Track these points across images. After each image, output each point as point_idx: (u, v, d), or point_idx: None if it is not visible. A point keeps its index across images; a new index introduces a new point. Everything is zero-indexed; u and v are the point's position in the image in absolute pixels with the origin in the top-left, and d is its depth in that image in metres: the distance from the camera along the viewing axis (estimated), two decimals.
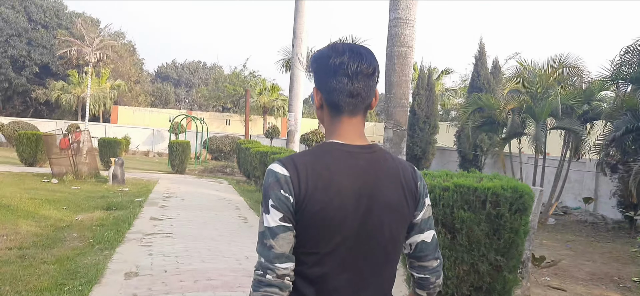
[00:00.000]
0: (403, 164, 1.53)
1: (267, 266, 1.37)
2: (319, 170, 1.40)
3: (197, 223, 9.03)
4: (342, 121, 1.46)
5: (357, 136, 1.47)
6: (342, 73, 1.42)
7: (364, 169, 1.43)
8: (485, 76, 18.50)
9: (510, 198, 3.76)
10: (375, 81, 1.49)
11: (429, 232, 1.55)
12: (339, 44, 1.48)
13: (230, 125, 41.07)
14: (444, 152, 22.18)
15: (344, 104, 1.45)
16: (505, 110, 12.47)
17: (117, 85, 38.38)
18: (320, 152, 1.45)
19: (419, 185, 1.53)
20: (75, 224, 8.69)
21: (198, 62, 66.63)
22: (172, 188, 14.50)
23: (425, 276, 1.57)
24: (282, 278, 1.37)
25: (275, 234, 1.37)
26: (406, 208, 1.48)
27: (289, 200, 1.38)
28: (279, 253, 1.37)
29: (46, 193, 12.53)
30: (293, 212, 1.38)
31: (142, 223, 8.67)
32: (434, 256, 1.57)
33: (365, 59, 1.44)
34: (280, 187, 1.38)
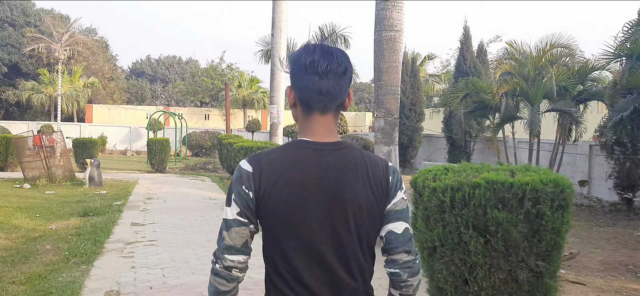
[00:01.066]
0: (373, 159, 1.53)
1: (218, 255, 1.47)
2: (282, 166, 1.44)
3: (182, 228, 8.39)
4: (314, 118, 1.49)
5: (327, 133, 1.50)
6: (312, 71, 1.45)
7: (329, 165, 1.45)
8: (472, 60, 18.13)
9: (552, 193, 3.27)
10: (348, 81, 1.51)
11: (399, 223, 1.54)
12: (311, 44, 1.51)
13: (210, 120, 40.21)
14: (431, 139, 21.82)
15: (314, 102, 1.48)
16: (498, 94, 12.06)
17: (91, 82, 37.13)
18: (287, 149, 1.49)
19: (390, 179, 1.53)
20: (49, 234, 7.99)
21: (173, 56, 65.48)
22: (153, 189, 13.79)
23: (396, 272, 1.53)
24: (229, 270, 1.46)
25: (230, 227, 1.46)
26: (374, 203, 1.49)
27: (249, 196, 1.44)
28: (228, 245, 1.46)
29: (18, 199, 11.74)
30: (253, 208, 1.45)
31: (122, 231, 8.01)
32: (404, 249, 1.53)
33: (336, 58, 1.47)
34: (242, 182, 1.45)
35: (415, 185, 3.85)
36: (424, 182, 3.73)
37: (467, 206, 3.35)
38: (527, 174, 3.41)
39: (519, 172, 3.53)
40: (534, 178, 3.29)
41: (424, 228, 3.65)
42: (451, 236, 3.42)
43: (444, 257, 3.47)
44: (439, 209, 3.49)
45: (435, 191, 3.53)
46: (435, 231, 3.52)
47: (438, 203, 3.49)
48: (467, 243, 3.35)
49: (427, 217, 3.61)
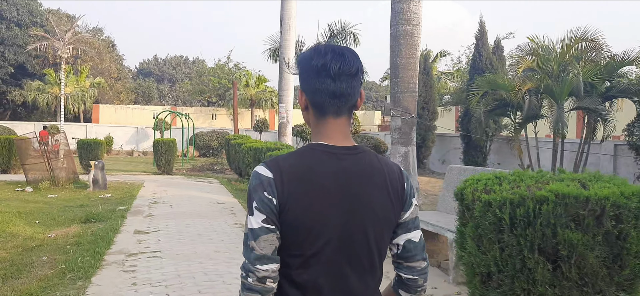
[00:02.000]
0: (389, 165, 1.52)
1: (249, 268, 1.40)
2: (301, 172, 1.41)
3: (189, 236, 7.84)
4: (327, 122, 1.47)
5: (342, 137, 1.47)
6: (324, 74, 1.43)
7: (347, 171, 1.43)
8: (488, 56, 17.46)
9: (636, 210, 2.67)
10: (359, 81, 1.49)
11: (416, 232, 1.55)
12: (321, 45, 1.49)
13: (217, 120, 39.72)
14: (444, 138, 21.17)
15: (327, 105, 1.45)
16: (521, 92, 11.42)
17: (97, 82, 36.74)
18: (304, 154, 1.45)
19: (405, 186, 1.52)
20: (47, 243, 7.47)
21: (180, 56, 65.25)
22: (158, 192, 13.26)
23: (414, 278, 1.54)
24: (263, 281, 1.39)
25: (257, 236, 1.39)
26: (391, 210, 1.48)
27: (273, 202, 1.39)
28: (260, 255, 1.39)
29: (18, 204, 11.27)
30: (276, 214, 1.39)
31: (124, 240, 7.46)
32: (422, 256, 1.55)
33: (348, 59, 1.44)
34: (264, 189, 1.39)
35: (462, 198, 3.27)
36: (473, 194, 3.14)
37: (531, 225, 2.76)
38: (603, 185, 2.82)
39: (589, 182, 2.94)
40: (614, 191, 2.70)
41: (475, 250, 3.07)
42: (511, 261, 2.84)
43: (503, 286, 2.89)
44: (496, 228, 2.91)
45: (489, 206, 2.95)
46: (491, 255, 2.94)
47: (494, 220, 2.91)
48: (532, 270, 2.76)
49: (479, 236, 3.03)
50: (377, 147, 22.31)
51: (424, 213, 6.49)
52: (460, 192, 3.30)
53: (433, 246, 6.50)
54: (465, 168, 6.36)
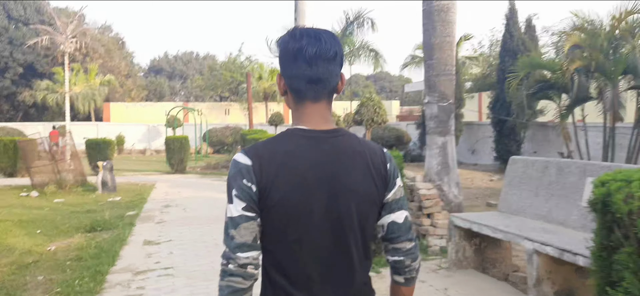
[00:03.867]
0: (371, 147, 1.50)
1: (229, 255, 1.38)
2: (281, 157, 1.39)
3: (205, 247, 6.84)
4: (306, 106, 1.45)
5: (322, 121, 1.45)
6: (301, 59, 1.41)
7: (328, 154, 1.42)
8: (519, 37, 16.22)
9: None
10: (338, 65, 1.45)
11: (400, 212, 1.53)
12: (297, 29, 1.45)
13: (230, 115, 38.86)
14: (472, 127, 19.99)
15: (305, 90, 1.43)
16: (568, 71, 10.25)
17: (107, 80, 35.98)
18: (283, 139, 1.44)
19: (388, 167, 1.50)
20: (45, 258, 6.56)
21: (191, 52, 64.62)
22: (171, 194, 12.33)
23: (400, 259, 1.54)
24: (244, 267, 1.37)
25: (237, 224, 1.38)
26: (375, 191, 1.46)
27: (252, 189, 1.38)
28: (240, 243, 1.37)
29: (22, 210, 10.43)
30: (256, 201, 1.38)
31: (132, 253, 6.50)
32: (406, 237, 1.54)
33: (325, 42, 1.41)
34: (243, 176, 1.38)
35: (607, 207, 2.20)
36: (628, 200, 2.08)
37: None
38: None
39: None
40: None
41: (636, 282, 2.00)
42: None
43: None
44: None
45: None
46: None
47: None
48: None
49: None
50: (399, 137, 21.20)
51: (483, 215, 5.43)
52: (602, 198, 2.25)
53: (495, 254, 5.44)
54: (533, 160, 5.29)
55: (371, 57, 26.82)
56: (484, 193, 12.91)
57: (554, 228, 4.54)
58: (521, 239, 4.33)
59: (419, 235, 6.91)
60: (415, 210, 6.98)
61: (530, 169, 5.23)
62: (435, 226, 6.77)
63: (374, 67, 27.29)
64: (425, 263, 5.79)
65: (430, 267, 5.60)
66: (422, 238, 6.83)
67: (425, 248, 6.39)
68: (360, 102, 14.26)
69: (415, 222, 6.98)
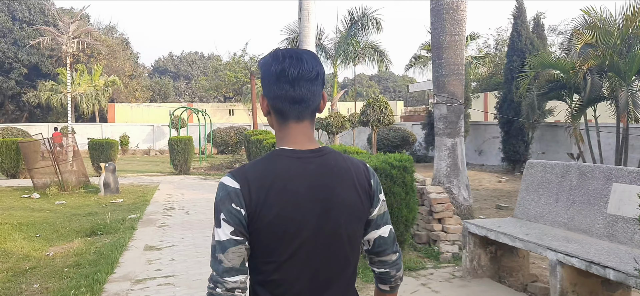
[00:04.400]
0: (355, 163, 1.52)
1: (217, 279, 1.37)
2: (270, 179, 1.39)
3: (207, 254, 6.57)
4: (290, 127, 1.46)
5: (306, 140, 1.46)
6: (283, 80, 1.41)
7: (315, 173, 1.42)
8: (527, 36, 15.92)
9: None
10: (320, 85, 1.47)
11: (386, 227, 1.56)
12: (279, 50, 1.46)
13: (234, 115, 38.67)
14: (479, 127, 19.70)
15: (288, 110, 1.44)
16: (581, 71, 9.95)
17: (111, 81, 35.87)
18: (270, 160, 1.43)
19: (372, 183, 1.53)
20: (43, 264, 6.34)
21: (195, 53, 64.54)
22: (174, 196, 12.11)
23: (386, 271, 1.58)
24: (232, 291, 1.37)
25: (225, 248, 1.37)
26: (361, 207, 1.48)
27: (241, 213, 1.37)
28: (228, 267, 1.37)
29: (22, 213, 10.24)
30: (245, 225, 1.38)
31: (132, 260, 6.27)
32: (392, 250, 1.58)
33: (307, 64, 1.42)
34: (232, 200, 1.37)
35: None
36: None
37: None
38: None
39: None
40: None
41: None
42: None
43: None
44: None
45: None
46: None
47: None
48: None
49: None
50: (405, 138, 20.94)
51: (500, 221, 5.16)
52: None
53: (511, 262, 5.18)
54: (552, 164, 5.02)
55: (376, 57, 26.57)
56: (492, 195, 12.63)
57: (577, 237, 4.28)
58: (543, 249, 4.06)
59: (430, 241, 6.65)
60: (425, 214, 6.72)
61: (549, 173, 4.97)
62: (446, 232, 6.51)
63: (379, 67, 27.05)
64: (437, 271, 5.54)
65: (444, 276, 5.34)
66: (433, 243, 6.58)
67: (437, 254, 6.13)
68: (366, 102, 13.99)
69: (425, 227, 6.73)
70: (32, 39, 35.80)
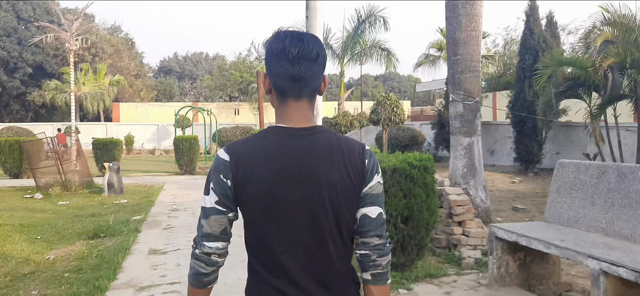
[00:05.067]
0: (350, 143, 1.54)
1: (198, 242, 1.49)
2: (258, 153, 1.45)
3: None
4: (288, 104, 1.50)
5: (302, 118, 1.50)
6: (283, 58, 1.46)
7: (305, 150, 1.46)
8: (540, 34, 15.52)
9: None
10: (320, 66, 1.51)
11: (374, 207, 1.55)
12: (281, 31, 1.51)
13: (240, 115, 38.40)
14: (490, 127, 19.30)
15: (287, 88, 1.48)
16: (601, 68, 9.57)
17: (116, 80, 35.64)
18: (262, 136, 1.49)
19: (366, 163, 1.54)
20: (43, 268, 6.05)
21: (200, 53, 64.38)
22: (179, 197, 11.81)
23: (366, 253, 1.55)
24: (208, 255, 1.48)
25: (208, 215, 1.47)
26: (350, 185, 1.49)
27: (227, 184, 1.45)
28: (207, 233, 1.47)
29: (24, 213, 9.97)
30: (232, 196, 1.46)
31: (136, 264, 5.95)
32: (376, 233, 1.55)
33: (307, 44, 1.47)
34: (220, 172, 1.46)
35: None
36: None
37: None
38: None
39: None
40: None
41: None
42: None
43: None
44: None
45: None
46: None
47: None
48: None
49: None
50: (414, 137, 20.56)
51: (530, 226, 4.81)
52: None
53: (542, 270, 4.83)
54: (587, 164, 4.66)
55: (383, 57, 26.20)
56: (506, 196, 12.27)
57: (619, 244, 3.93)
58: (583, 257, 3.71)
59: (450, 245, 6.31)
60: (444, 217, 6.37)
61: (583, 174, 4.61)
62: (467, 236, 6.16)
63: (386, 66, 26.68)
64: (461, 278, 5.19)
65: (468, 284, 4.99)
66: (453, 248, 6.23)
67: (458, 260, 5.78)
68: (376, 100, 13.64)
69: (444, 230, 6.38)
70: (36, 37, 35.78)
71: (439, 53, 25.47)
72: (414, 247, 5.21)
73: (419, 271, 5.27)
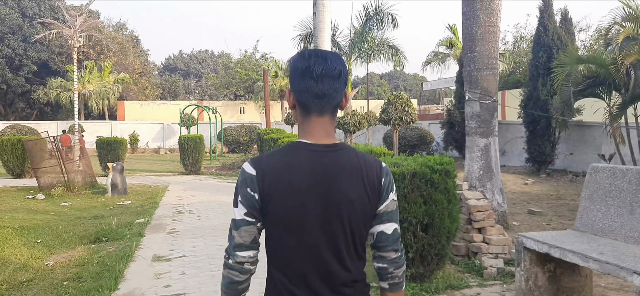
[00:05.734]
0: (368, 161, 1.60)
1: (230, 252, 1.58)
2: (282, 169, 1.53)
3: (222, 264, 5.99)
4: (312, 120, 1.58)
5: (324, 135, 1.58)
6: (308, 76, 1.54)
7: (326, 167, 1.53)
8: (555, 30, 15.11)
9: None
10: (342, 83, 1.58)
11: (390, 224, 1.63)
12: (306, 50, 1.59)
13: (245, 113, 38.12)
14: (500, 126, 18.85)
15: (311, 105, 1.56)
16: (623, 66, 9.18)
17: (121, 78, 35.40)
18: (287, 152, 1.57)
19: (383, 181, 1.61)
20: (40, 276, 5.76)
21: (206, 51, 64.08)
22: (185, 198, 11.50)
23: (384, 266, 1.64)
24: (241, 264, 1.56)
25: (239, 226, 1.55)
26: (367, 202, 1.57)
27: (255, 197, 1.53)
28: (238, 243, 1.56)
29: (25, 215, 9.71)
30: (259, 208, 1.54)
31: (138, 273, 5.64)
32: (392, 248, 1.64)
33: (330, 63, 1.55)
34: (247, 185, 1.54)
35: None
36: None
37: None
38: None
39: None
40: None
41: None
42: None
43: None
44: None
45: None
46: None
47: None
48: None
49: None
50: (422, 137, 20.21)
51: (562, 235, 4.46)
52: None
53: (572, 283, 4.48)
54: (623, 169, 4.30)
55: (391, 54, 25.84)
56: (520, 198, 11.90)
57: None
58: (628, 273, 3.37)
59: (469, 253, 5.96)
60: (463, 223, 6.03)
61: (620, 180, 4.26)
62: (488, 243, 5.82)
63: (394, 64, 26.31)
64: (484, 290, 4.85)
65: None
66: (473, 256, 5.89)
67: (479, 269, 5.44)
68: (387, 99, 13.29)
69: (463, 237, 6.04)
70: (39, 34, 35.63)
71: (449, 50, 25.10)
72: (434, 257, 4.87)
73: (439, 282, 4.94)
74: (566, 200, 11.68)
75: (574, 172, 15.16)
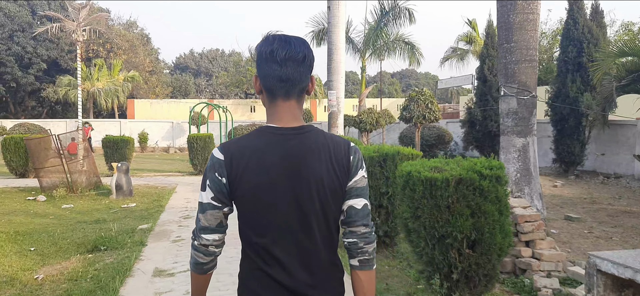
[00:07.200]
0: (336, 141, 1.62)
1: (196, 234, 1.62)
2: (250, 152, 1.54)
3: (231, 278, 5.22)
4: (278, 105, 1.59)
5: (291, 118, 1.59)
6: (272, 60, 1.55)
7: (293, 148, 1.55)
8: (585, 24, 14.25)
9: None
10: (307, 67, 1.59)
11: (359, 199, 1.64)
12: (270, 35, 1.61)
13: (256, 112, 37.53)
14: None
15: (276, 88, 1.57)
16: None
17: (131, 76, 34.92)
18: (255, 136, 1.58)
19: (351, 159, 1.62)
20: (28, 291, 5.10)
21: (216, 49, 63.80)
22: (192, 201, 10.80)
23: (353, 241, 1.64)
24: (206, 246, 1.60)
25: (205, 210, 1.59)
26: (336, 181, 1.58)
27: (222, 181, 1.55)
28: (204, 226, 1.59)
29: (22, 219, 9.08)
30: (226, 192, 1.57)
31: (136, 291, 4.91)
32: (362, 222, 1.64)
33: (294, 46, 1.56)
34: (215, 170, 1.56)
35: None
36: None
37: None
38: None
39: None
40: None
41: None
42: None
43: None
44: None
45: None
46: None
47: None
48: None
49: None
50: (440, 136, 19.36)
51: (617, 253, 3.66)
52: None
53: None
54: None
55: (407, 51, 25.02)
56: (552, 202, 11.06)
57: None
58: None
59: (516, 270, 5.18)
60: None
61: None
62: (539, 259, 5.03)
63: (409, 61, 25.48)
64: None
65: None
66: (521, 273, 5.10)
67: (530, 290, 4.66)
68: (409, 96, 12.51)
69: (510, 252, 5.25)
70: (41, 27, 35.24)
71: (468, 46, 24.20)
72: (483, 278, 4.10)
73: None
74: (602, 204, 10.83)
75: (605, 174, 14.27)
